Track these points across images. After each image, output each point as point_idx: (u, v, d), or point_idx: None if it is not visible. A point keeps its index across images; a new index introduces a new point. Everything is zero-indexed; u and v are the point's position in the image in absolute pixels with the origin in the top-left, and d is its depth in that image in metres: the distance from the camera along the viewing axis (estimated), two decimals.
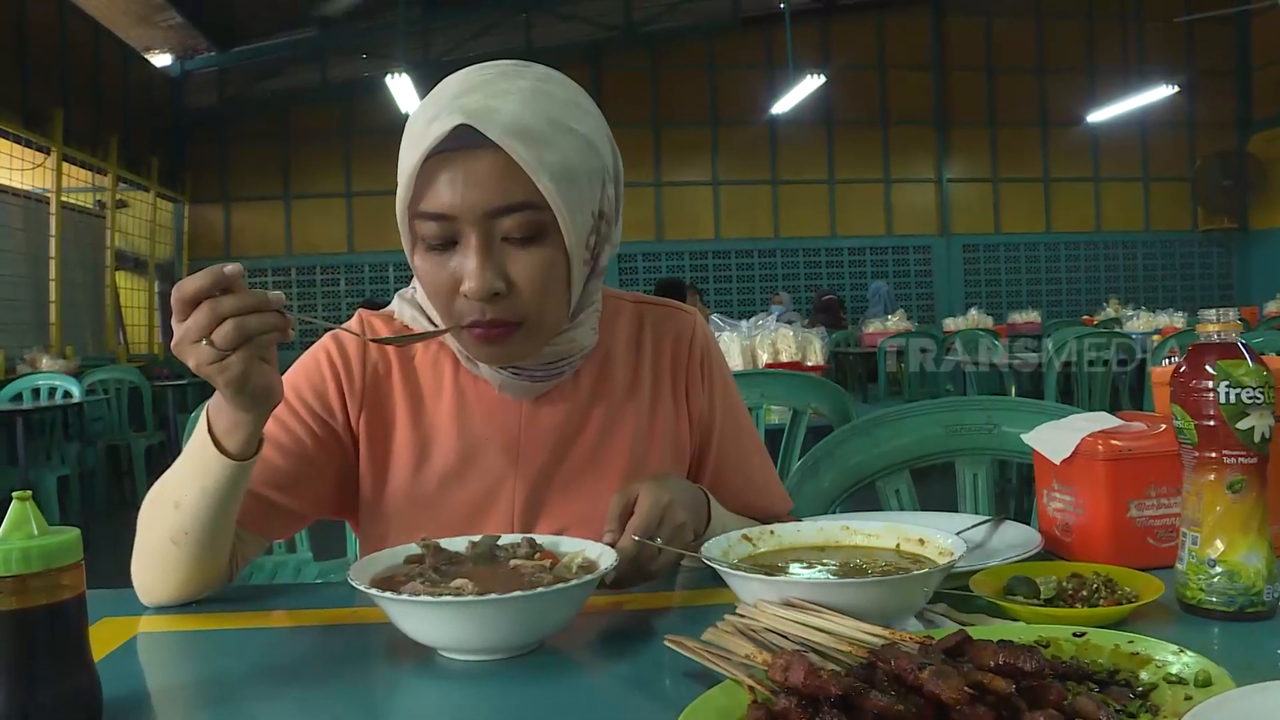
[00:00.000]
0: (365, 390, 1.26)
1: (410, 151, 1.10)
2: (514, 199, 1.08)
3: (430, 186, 1.09)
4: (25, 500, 0.80)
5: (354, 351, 1.27)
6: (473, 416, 1.25)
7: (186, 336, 0.96)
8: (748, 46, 14.19)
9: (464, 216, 1.09)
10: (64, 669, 0.79)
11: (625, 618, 1.07)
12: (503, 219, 1.09)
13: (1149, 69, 14.04)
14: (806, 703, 0.68)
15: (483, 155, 1.07)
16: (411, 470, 1.25)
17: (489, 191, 1.08)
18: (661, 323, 1.35)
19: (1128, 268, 15.46)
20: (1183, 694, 0.72)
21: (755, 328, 4.17)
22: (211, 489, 1.06)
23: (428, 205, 1.10)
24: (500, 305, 1.12)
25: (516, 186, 1.08)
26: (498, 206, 1.08)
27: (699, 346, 1.34)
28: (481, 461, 1.24)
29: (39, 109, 9.27)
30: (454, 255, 1.12)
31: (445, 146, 1.07)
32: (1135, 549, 1.14)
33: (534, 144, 1.07)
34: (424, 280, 1.15)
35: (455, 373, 1.27)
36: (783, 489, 1.40)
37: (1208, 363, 0.98)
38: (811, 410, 2.51)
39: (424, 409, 1.26)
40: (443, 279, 1.12)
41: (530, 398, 1.26)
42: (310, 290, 13.52)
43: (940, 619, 0.97)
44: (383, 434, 1.26)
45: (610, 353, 1.30)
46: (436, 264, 1.12)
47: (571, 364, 1.25)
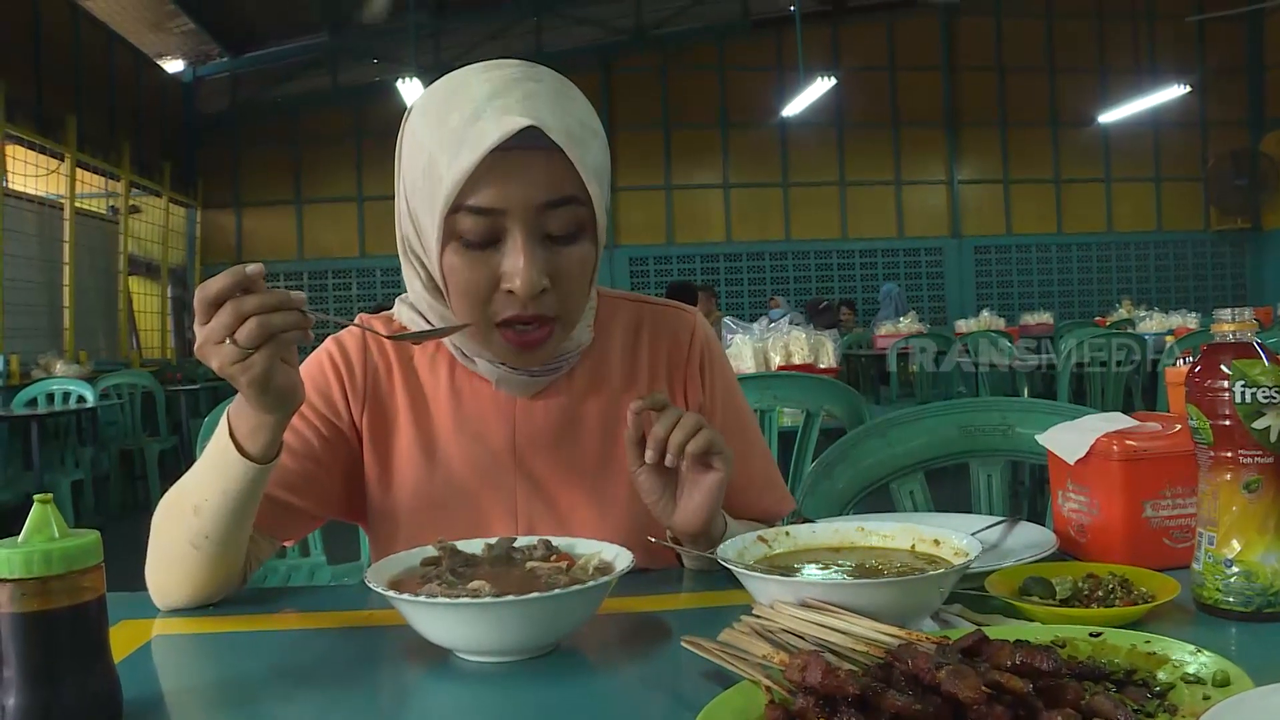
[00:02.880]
0: (367, 389, 1.28)
1: (455, 147, 1.09)
2: (564, 193, 1.12)
3: (478, 182, 1.09)
4: (46, 503, 0.80)
5: (354, 352, 1.29)
6: (470, 415, 1.27)
7: (210, 337, 0.97)
8: (758, 49, 14.19)
9: (513, 211, 1.10)
10: (85, 670, 0.80)
11: (641, 619, 1.07)
12: (550, 215, 1.12)
13: (1160, 68, 13.97)
14: (824, 703, 0.68)
15: (534, 153, 1.09)
16: (415, 469, 1.26)
17: (540, 188, 1.11)
18: (660, 322, 1.36)
19: (1140, 269, 15.41)
20: (1201, 694, 0.72)
21: (767, 330, 4.17)
22: (233, 492, 1.07)
23: (476, 200, 1.10)
24: (541, 302, 1.14)
25: (565, 184, 1.12)
26: (548, 200, 1.11)
27: (698, 345, 1.35)
28: (482, 459, 1.26)
29: (52, 115, 9.32)
30: (494, 253, 1.12)
31: (498, 145, 1.08)
32: (1150, 549, 1.13)
33: (577, 144, 1.11)
34: (456, 278, 1.14)
35: (452, 372, 1.28)
36: (785, 489, 1.40)
37: (1223, 362, 0.97)
38: (824, 412, 2.51)
39: (424, 408, 1.28)
40: (480, 276, 1.13)
41: (526, 394, 1.27)
42: (322, 295, 13.55)
43: (956, 619, 0.97)
44: (385, 433, 1.28)
45: (605, 351, 1.32)
46: (473, 261, 1.13)
47: (568, 360, 1.27)
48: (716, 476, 1.13)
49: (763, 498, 1.35)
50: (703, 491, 1.13)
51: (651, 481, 1.15)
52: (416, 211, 1.16)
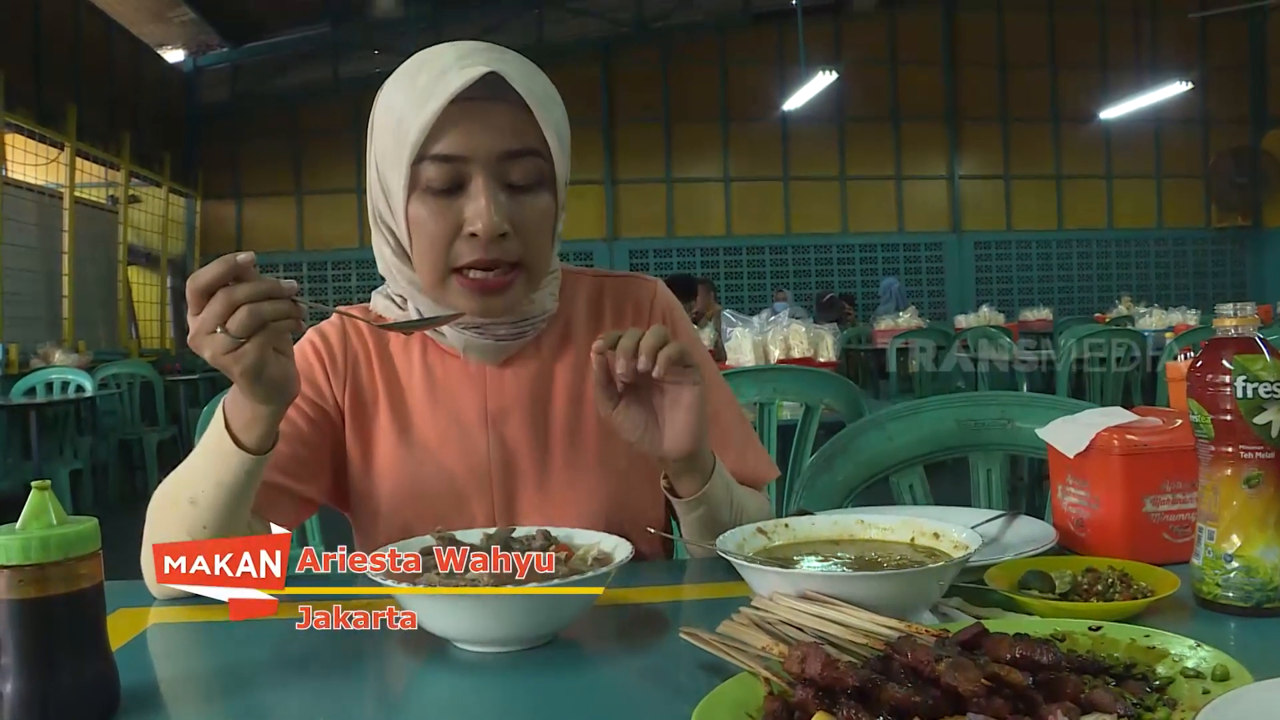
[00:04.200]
0: (347, 373, 1.31)
1: (422, 99, 1.14)
2: (526, 144, 1.17)
3: (442, 131, 1.14)
4: (45, 490, 0.80)
5: (335, 339, 1.33)
6: (443, 388, 1.30)
7: (202, 327, 0.97)
8: (759, 42, 14.16)
9: (476, 158, 1.15)
10: (82, 657, 0.79)
11: (640, 610, 1.07)
12: (511, 165, 1.17)
13: (1162, 65, 13.96)
14: (823, 694, 0.68)
15: (497, 104, 1.15)
16: (392, 448, 1.29)
17: (503, 137, 1.16)
18: (621, 291, 1.39)
19: (1140, 265, 15.40)
20: (1200, 688, 0.72)
21: (767, 324, 4.16)
22: (229, 483, 1.07)
23: (441, 148, 1.15)
24: (503, 247, 1.17)
25: (527, 135, 1.17)
26: (511, 150, 1.16)
27: (659, 310, 1.38)
28: (455, 431, 1.28)
29: (53, 104, 9.31)
30: (457, 199, 1.16)
31: (463, 96, 1.13)
32: (1150, 544, 1.13)
33: (539, 102, 1.17)
34: (421, 226, 1.18)
35: (424, 353, 1.32)
36: (766, 455, 1.40)
37: (1225, 357, 0.97)
38: (824, 406, 2.51)
39: (399, 390, 1.31)
40: (443, 223, 1.17)
41: (495, 361, 1.29)
42: (322, 285, 13.55)
43: (955, 613, 0.97)
44: (365, 416, 1.31)
45: (570, 321, 1.35)
46: (437, 209, 1.17)
47: (534, 326, 1.29)
48: (694, 390, 1.12)
49: (745, 458, 1.34)
50: (684, 409, 1.12)
51: (630, 418, 1.14)
52: (384, 170, 1.20)
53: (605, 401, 1.13)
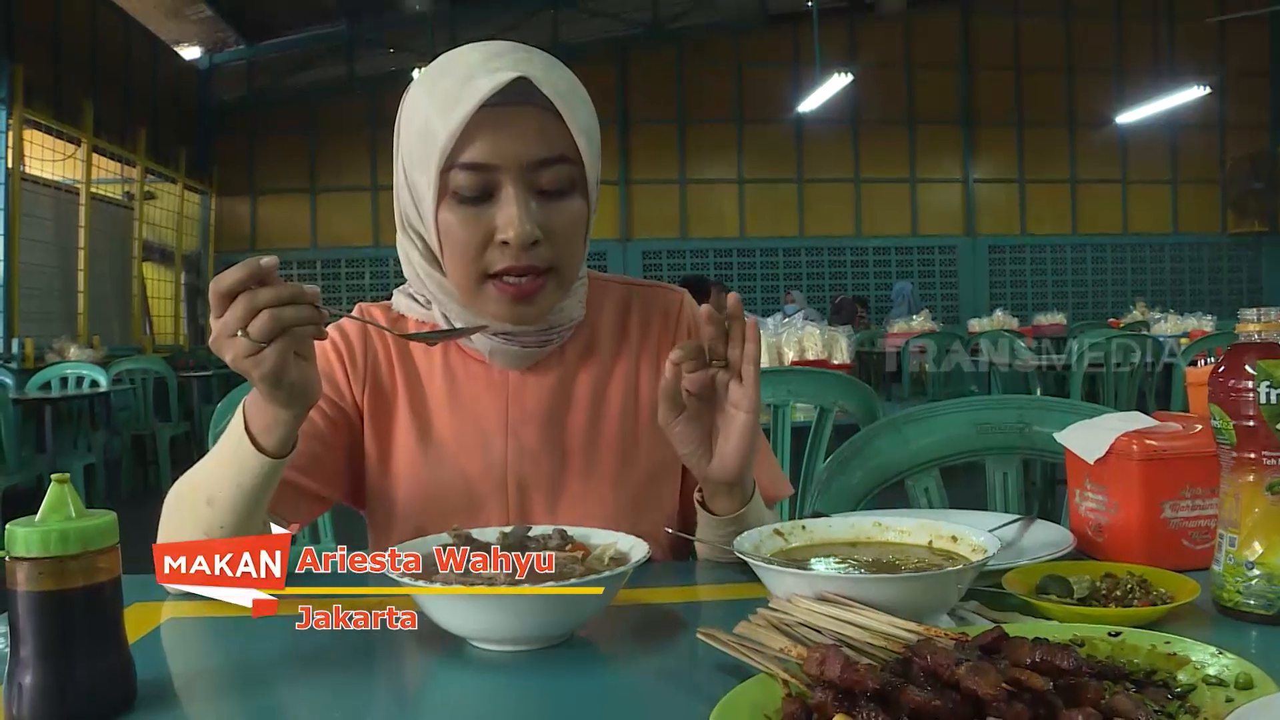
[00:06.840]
0: (367, 371, 1.30)
1: (450, 105, 1.13)
2: (555, 151, 1.15)
3: (471, 138, 1.13)
4: (64, 483, 0.80)
5: (355, 337, 1.32)
6: (464, 392, 1.29)
7: (224, 330, 0.97)
8: (774, 44, 14.15)
9: (506, 166, 1.14)
10: (100, 650, 0.79)
11: (656, 611, 1.06)
12: (541, 172, 1.15)
13: (1179, 70, 13.89)
14: (842, 697, 0.68)
15: (526, 110, 1.14)
16: (410, 449, 1.28)
17: (532, 144, 1.14)
18: (649, 301, 1.38)
19: (1155, 270, 15.33)
20: (1223, 696, 0.71)
21: (781, 325, 4.16)
22: (248, 485, 1.07)
23: (470, 156, 1.13)
24: (534, 253, 1.16)
25: (556, 141, 1.15)
26: (541, 158, 1.15)
27: (685, 321, 1.37)
28: (475, 436, 1.27)
29: (70, 101, 9.35)
30: (488, 207, 1.15)
31: (491, 101, 1.11)
32: (1169, 550, 1.12)
33: (567, 103, 1.15)
34: (451, 234, 1.17)
35: (446, 355, 1.30)
36: (781, 473, 1.40)
37: (1248, 362, 0.96)
38: (838, 408, 2.50)
39: (419, 390, 1.30)
40: (474, 230, 1.15)
41: (519, 367, 1.28)
42: (335, 283, 13.57)
43: (973, 616, 0.96)
44: (384, 414, 1.30)
45: (595, 329, 1.34)
46: (468, 216, 1.15)
47: (560, 333, 1.28)
48: (746, 419, 1.11)
49: (760, 474, 1.32)
50: (738, 433, 1.12)
51: (689, 431, 1.13)
52: (413, 175, 1.19)
53: (669, 411, 1.13)
